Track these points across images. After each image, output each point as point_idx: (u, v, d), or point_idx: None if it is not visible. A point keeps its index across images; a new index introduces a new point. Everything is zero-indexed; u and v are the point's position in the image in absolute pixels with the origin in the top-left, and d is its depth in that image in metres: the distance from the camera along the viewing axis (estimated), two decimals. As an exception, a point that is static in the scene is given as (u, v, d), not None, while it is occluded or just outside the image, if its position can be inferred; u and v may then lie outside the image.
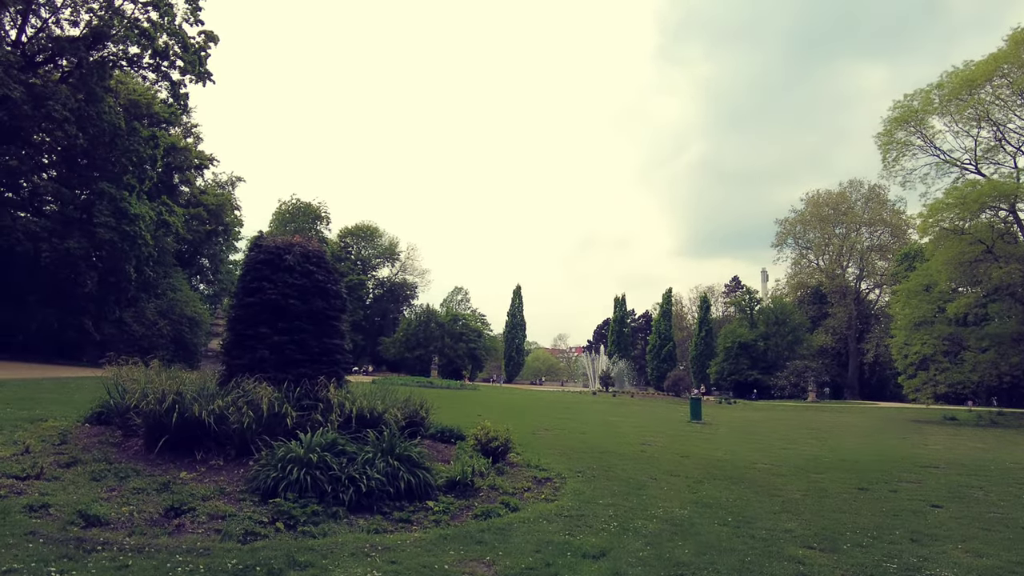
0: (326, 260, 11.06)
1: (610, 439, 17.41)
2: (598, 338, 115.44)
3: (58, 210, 36.10)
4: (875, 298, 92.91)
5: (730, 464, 13.63)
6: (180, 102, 42.73)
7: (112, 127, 34.37)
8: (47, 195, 36.56)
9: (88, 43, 36.61)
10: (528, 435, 16.72)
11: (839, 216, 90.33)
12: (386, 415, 9.26)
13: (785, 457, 15.92)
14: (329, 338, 10.57)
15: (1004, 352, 36.75)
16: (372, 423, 9.12)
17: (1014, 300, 38.48)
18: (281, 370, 9.75)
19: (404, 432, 9.33)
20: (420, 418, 10.58)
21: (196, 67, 40.13)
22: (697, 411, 29.17)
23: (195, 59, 39.84)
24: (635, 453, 14.32)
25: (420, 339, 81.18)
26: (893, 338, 45.88)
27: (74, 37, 36.61)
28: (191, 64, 39.74)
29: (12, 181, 37.80)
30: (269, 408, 8.34)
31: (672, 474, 11.62)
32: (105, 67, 36.92)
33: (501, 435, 10.23)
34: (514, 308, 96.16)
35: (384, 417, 9.22)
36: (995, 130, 42.71)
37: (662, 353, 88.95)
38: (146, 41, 36.70)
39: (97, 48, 37.19)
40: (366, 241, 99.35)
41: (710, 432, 23.18)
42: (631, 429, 22.11)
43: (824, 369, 77.36)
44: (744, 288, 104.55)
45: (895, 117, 45.83)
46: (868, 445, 21.16)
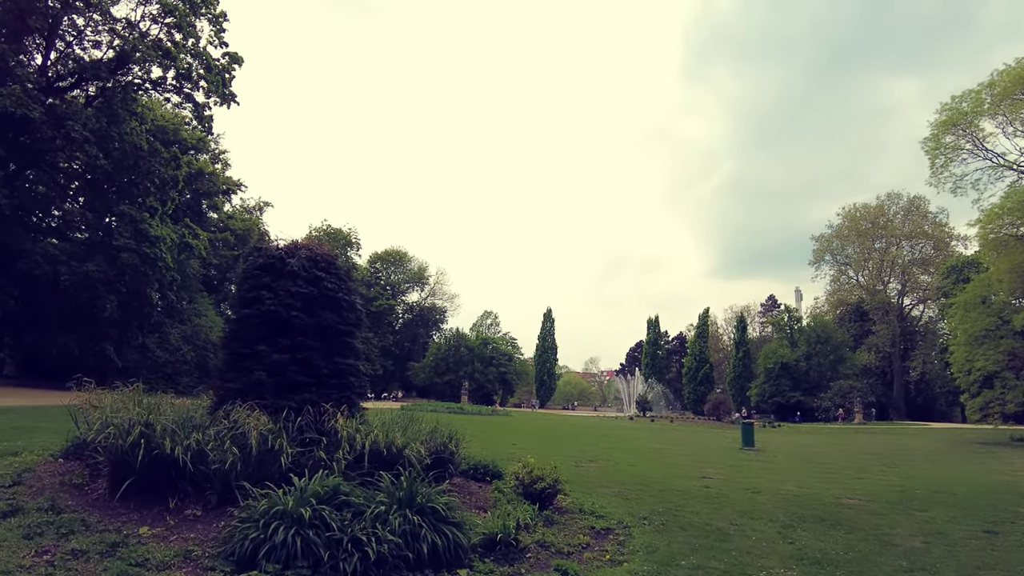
0: (337, 266, 9.43)
1: (664, 472, 15.40)
2: (631, 361, 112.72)
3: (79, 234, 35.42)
4: (919, 314, 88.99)
5: (811, 500, 11.60)
6: (204, 124, 42.14)
7: (134, 148, 33.63)
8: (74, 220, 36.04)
9: (112, 66, 36.17)
10: (572, 468, 14.83)
11: (878, 230, 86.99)
12: (407, 451, 7.49)
13: (868, 489, 13.82)
14: (341, 357, 8.91)
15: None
16: (389, 461, 7.39)
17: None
18: (281, 395, 8.11)
19: (429, 473, 7.58)
20: (449, 453, 8.75)
21: (220, 88, 39.54)
22: (749, 437, 26.90)
23: (219, 80, 39.26)
24: (698, 490, 12.33)
25: (450, 364, 79.50)
26: (950, 354, 43.02)
27: (98, 60, 36.20)
28: (215, 85, 39.15)
29: (43, 208, 37.43)
30: (259, 443, 6.67)
31: (751, 516, 9.66)
32: (128, 90, 36.41)
33: (548, 474, 8.38)
34: (545, 331, 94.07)
35: (404, 454, 7.45)
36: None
37: (699, 376, 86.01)
38: (169, 62, 36.12)
39: (121, 71, 36.73)
40: (395, 266, 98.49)
41: (768, 460, 21.01)
42: (683, 459, 20.02)
43: (869, 389, 73.74)
44: (781, 307, 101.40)
45: (943, 121, 43.35)
46: (949, 472, 18.94)
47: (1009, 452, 28.69)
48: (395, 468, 7.26)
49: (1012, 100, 39.57)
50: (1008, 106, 39.92)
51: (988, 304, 39.42)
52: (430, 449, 8.18)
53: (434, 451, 8.35)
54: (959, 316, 40.74)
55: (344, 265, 9.60)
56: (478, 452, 16.36)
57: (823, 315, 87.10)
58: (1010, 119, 40.82)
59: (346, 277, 9.54)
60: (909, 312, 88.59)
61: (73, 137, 30.40)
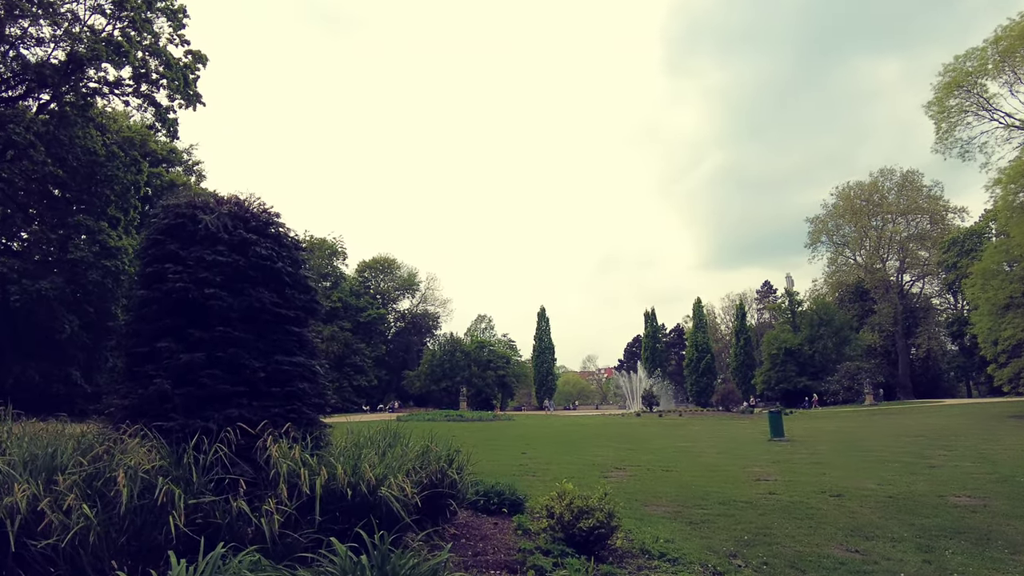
0: (278, 226, 6.76)
1: (709, 476, 12.79)
2: (629, 356, 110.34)
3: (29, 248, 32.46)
4: (919, 290, 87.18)
5: (912, 503, 9.06)
6: (169, 128, 39.28)
7: (88, 152, 30.76)
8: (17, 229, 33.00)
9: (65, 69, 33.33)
10: (597, 479, 12.21)
11: (873, 207, 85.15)
12: (383, 489, 4.80)
13: (960, 481, 11.39)
14: (285, 354, 6.25)
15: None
16: (358, 508, 4.76)
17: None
18: (194, 413, 5.47)
19: (422, 514, 4.98)
20: (449, 483, 5.95)
21: (183, 88, 36.74)
22: (779, 427, 24.41)
23: (180, 78, 36.45)
24: (766, 499, 9.73)
25: (446, 370, 76.66)
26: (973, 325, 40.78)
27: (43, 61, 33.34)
28: (177, 84, 36.36)
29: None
30: (131, 496, 4.02)
31: (866, 536, 7.09)
32: (81, 93, 33.55)
33: (596, 505, 5.70)
34: (540, 331, 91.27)
35: (379, 494, 4.77)
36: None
37: (700, 367, 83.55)
38: (122, 59, 33.28)
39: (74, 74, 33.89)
40: (384, 274, 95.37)
41: (809, 451, 18.50)
42: (719, 458, 17.43)
43: (876, 369, 71.61)
44: (776, 292, 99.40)
45: (946, 83, 41.24)
46: (1019, 452, 16.62)
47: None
48: (368, 516, 4.65)
49: (1021, 54, 37.46)
50: (1016, 60, 37.83)
51: (1011, 271, 37.27)
52: (420, 481, 5.54)
53: (427, 483, 5.70)
54: (979, 285, 38.43)
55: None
56: (485, 468, 13.67)
57: (823, 297, 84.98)
58: (1019, 75, 38.75)
59: (292, 244, 6.86)
60: (909, 289, 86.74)
61: (15, 141, 27.49)
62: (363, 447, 5.99)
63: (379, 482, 4.81)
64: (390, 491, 4.74)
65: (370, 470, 4.78)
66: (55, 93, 33.62)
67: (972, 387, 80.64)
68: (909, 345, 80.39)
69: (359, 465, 4.91)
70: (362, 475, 4.76)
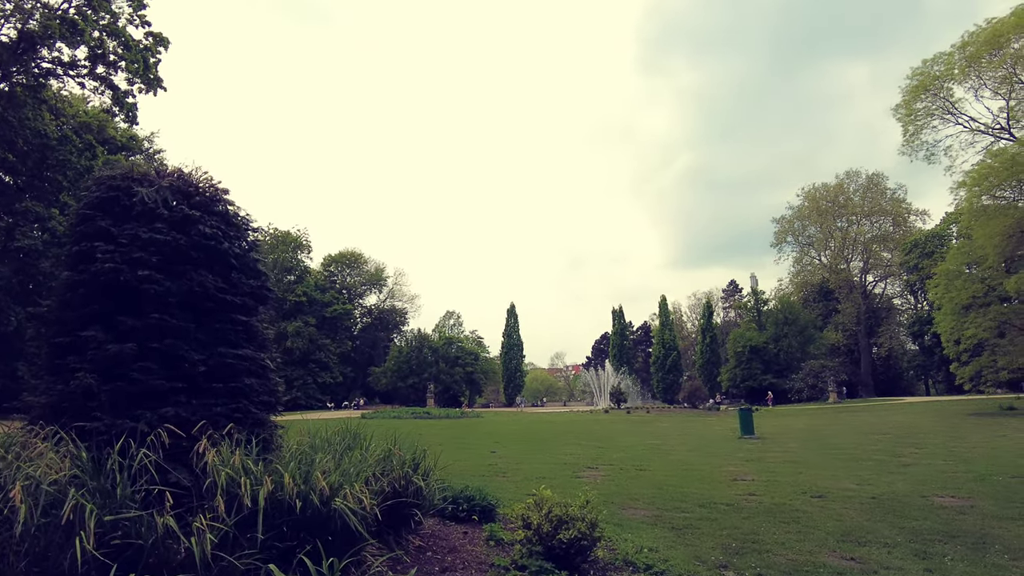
0: (226, 202, 6.07)
1: (684, 476, 12.38)
2: (597, 354, 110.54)
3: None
4: (881, 291, 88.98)
5: (898, 504, 8.74)
6: (127, 112, 37.73)
7: (38, 136, 29.29)
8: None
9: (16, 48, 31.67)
10: (570, 480, 11.72)
11: (838, 209, 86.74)
12: (337, 500, 4.18)
13: (940, 480, 11.21)
14: (230, 346, 5.57)
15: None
16: (310, 521, 4.15)
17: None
18: (123, 412, 4.79)
19: (384, 525, 4.40)
20: (413, 490, 5.32)
21: (142, 71, 35.26)
22: (749, 424, 24.25)
23: (139, 60, 34.97)
24: (747, 501, 9.33)
25: (413, 367, 75.63)
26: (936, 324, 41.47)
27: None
28: (135, 66, 34.87)
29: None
30: (29, 513, 3.37)
31: (858, 541, 6.69)
32: (30, 71, 31.94)
33: (577, 514, 5.13)
34: (509, 328, 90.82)
35: (334, 505, 4.15)
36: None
37: (667, 364, 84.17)
38: (77, 37, 31.77)
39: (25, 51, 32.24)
40: (351, 268, 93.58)
41: (782, 450, 18.31)
42: (691, 456, 17.09)
43: (840, 368, 72.76)
44: (742, 291, 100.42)
45: (914, 86, 41.77)
46: (988, 450, 16.63)
47: (1017, 421, 27.08)
48: (320, 531, 4.05)
49: (987, 58, 38.02)
50: (983, 65, 38.39)
51: (972, 272, 37.94)
52: (381, 489, 4.93)
53: (389, 491, 5.10)
54: (943, 286, 39.05)
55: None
56: (453, 468, 13.08)
57: (788, 296, 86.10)
58: (983, 80, 39.35)
59: (241, 224, 6.17)
60: (872, 290, 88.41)
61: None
62: (318, 450, 5.35)
63: (334, 492, 4.20)
64: (345, 503, 4.13)
65: (323, 478, 4.15)
66: (4, 72, 31.97)
67: (931, 385, 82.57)
68: (871, 344, 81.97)
69: (311, 473, 4.29)
70: (314, 484, 4.14)
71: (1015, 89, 38.55)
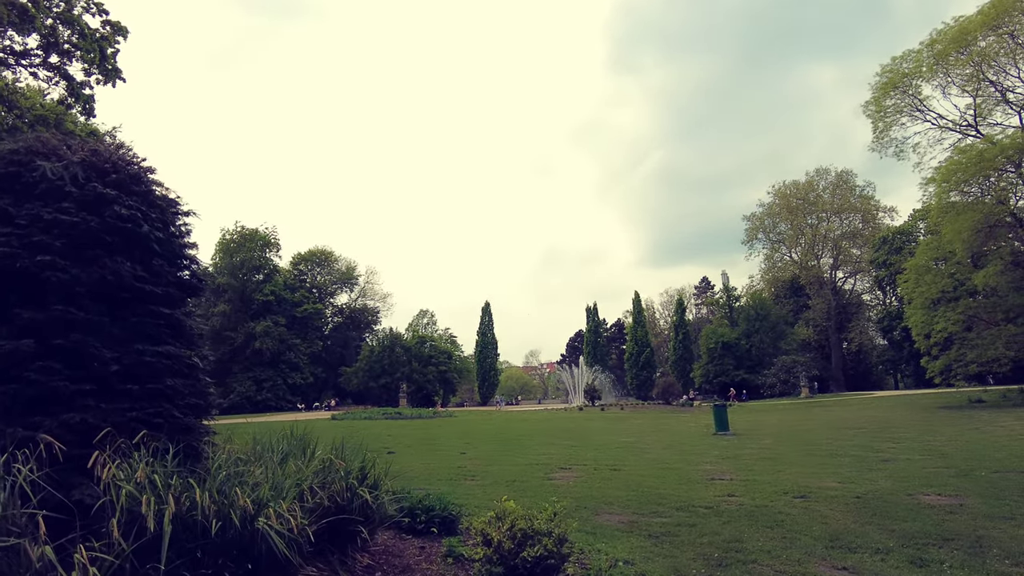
0: (149, 181, 5.38)
1: (661, 476, 11.91)
2: (571, 351, 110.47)
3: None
4: (851, 287, 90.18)
5: (884, 504, 8.33)
6: (84, 104, 36.28)
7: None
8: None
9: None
10: (542, 482, 11.19)
11: (808, 206, 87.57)
12: (261, 519, 3.53)
13: (922, 478, 10.83)
14: (150, 342, 4.90)
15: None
16: (230, 545, 3.52)
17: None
18: (16, 418, 4.12)
19: (325, 542, 3.79)
20: (360, 502, 4.65)
21: (99, 60, 33.93)
22: (723, 421, 23.96)
23: (96, 50, 33.64)
24: (726, 502, 8.87)
25: (385, 366, 74.54)
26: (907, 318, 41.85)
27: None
28: (92, 55, 33.53)
29: None
30: None
31: (849, 547, 6.21)
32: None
33: (543, 528, 4.50)
34: (484, 326, 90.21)
35: (257, 526, 3.50)
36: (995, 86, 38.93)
37: (640, 360, 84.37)
38: (28, 25, 30.41)
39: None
40: (321, 267, 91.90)
41: (758, 447, 18.01)
42: (667, 454, 16.68)
43: (811, 363, 73.49)
44: (714, 288, 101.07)
45: (884, 83, 42.05)
46: (965, 444, 16.45)
47: (987, 414, 27.19)
48: (243, 557, 3.44)
49: (955, 56, 38.34)
50: (951, 62, 38.72)
51: (942, 266, 38.32)
52: (319, 504, 4.31)
53: (330, 506, 4.46)
54: (913, 280, 39.40)
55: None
56: (419, 471, 12.51)
57: (760, 293, 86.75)
58: (951, 77, 39.69)
59: (166, 205, 5.49)
60: (842, 286, 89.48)
61: None
62: (256, 460, 4.73)
63: (258, 511, 3.60)
64: (268, 523, 3.52)
65: (243, 495, 3.55)
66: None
67: (899, 379, 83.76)
68: (841, 339, 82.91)
69: (229, 489, 3.67)
70: (234, 502, 3.54)
71: (982, 87, 38.93)
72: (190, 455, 4.65)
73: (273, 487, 3.94)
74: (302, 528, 3.67)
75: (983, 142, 34.90)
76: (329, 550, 4.47)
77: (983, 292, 36.65)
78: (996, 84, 38.57)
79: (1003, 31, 36.73)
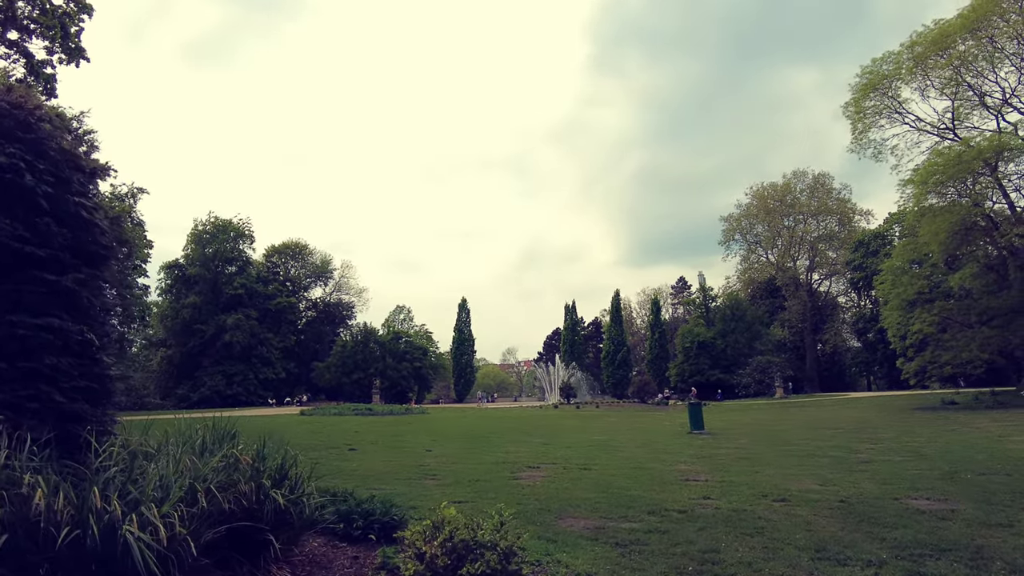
0: (35, 127, 4.59)
1: (632, 476, 11.32)
2: (548, 349, 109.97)
3: None
4: (826, 289, 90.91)
5: (869, 509, 7.81)
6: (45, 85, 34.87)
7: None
8: None
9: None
10: (509, 483, 10.53)
11: (785, 208, 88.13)
12: (127, 527, 2.82)
13: (908, 480, 10.46)
14: (30, 313, 4.14)
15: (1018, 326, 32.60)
16: (92, 559, 2.80)
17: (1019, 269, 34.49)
18: None
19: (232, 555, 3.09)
20: (273, 507, 3.90)
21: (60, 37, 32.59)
22: (698, 420, 23.53)
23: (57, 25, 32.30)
24: (700, 505, 8.29)
25: (358, 361, 73.35)
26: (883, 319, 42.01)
27: None
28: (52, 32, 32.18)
29: None
30: None
31: (836, 559, 5.61)
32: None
33: (487, 540, 3.73)
34: (460, 323, 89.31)
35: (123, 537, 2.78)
36: (974, 89, 39.03)
37: (616, 359, 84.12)
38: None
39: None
40: (295, 260, 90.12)
41: (734, 447, 17.52)
42: (640, 452, 16.12)
43: (786, 364, 73.79)
44: (691, 288, 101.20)
45: (864, 84, 41.95)
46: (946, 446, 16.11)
47: (962, 416, 27.15)
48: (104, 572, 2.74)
49: (934, 58, 38.34)
50: (930, 65, 38.72)
51: (919, 267, 38.41)
52: (218, 508, 3.60)
53: (235, 509, 3.76)
54: (889, 282, 39.44)
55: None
56: (378, 470, 11.79)
57: (736, 293, 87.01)
58: (931, 80, 39.67)
59: (63, 157, 4.71)
60: (817, 287, 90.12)
61: None
62: (157, 457, 3.99)
63: (129, 513, 2.88)
64: (131, 531, 2.80)
65: (98, 497, 2.82)
66: None
67: (872, 381, 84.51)
68: (816, 341, 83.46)
69: (87, 490, 2.95)
70: (93, 505, 2.82)
71: (960, 90, 39.02)
72: (76, 448, 3.92)
73: (160, 486, 3.23)
74: (181, 538, 2.97)
75: (960, 144, 34.91)
76: (237, 560, 3.78)
77: (958, 294, 36.76)
78: (974, 88, 38.69)
79: (982, 35, 36.78)
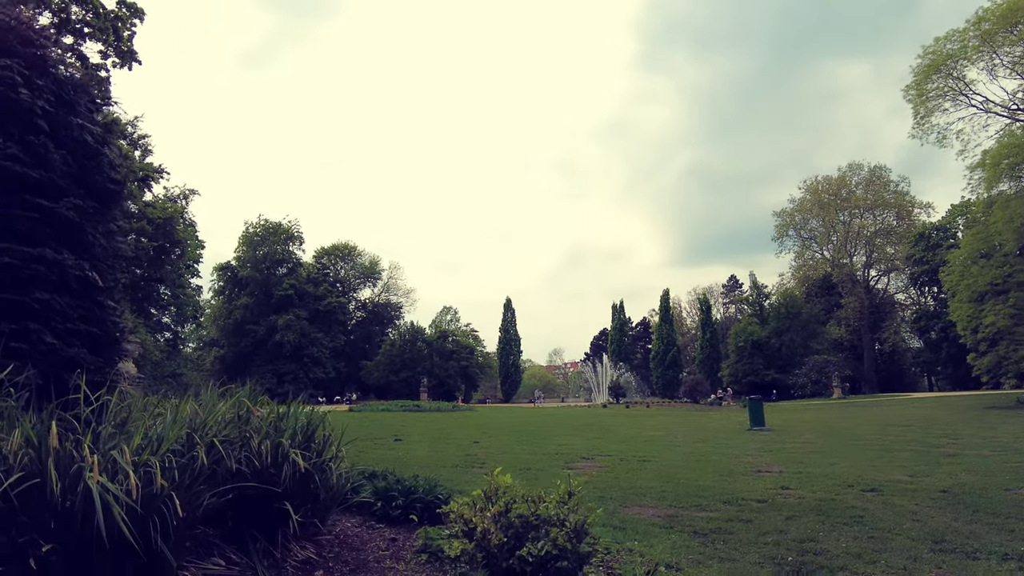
0: (38, 43, 4.04)
1: (697, 468, 10.43)
2: (595, 350, 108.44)
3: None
4: (884, 285, 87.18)
5: (976, 496, 6.85)
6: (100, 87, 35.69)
7: None
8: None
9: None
10: (560, 471, 9.79)
11: (840, 202, 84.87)
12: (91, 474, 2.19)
13: (1010, 471, 9.38)
14: (21, 240, 3.57)
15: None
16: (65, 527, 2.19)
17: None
18: None
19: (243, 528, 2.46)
20: (292, 472, 3.29)
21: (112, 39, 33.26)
22: (759, 416, 22.42)
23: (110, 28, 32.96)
24: (781, 496, 7.38)
25: (406, 360, 73.48)
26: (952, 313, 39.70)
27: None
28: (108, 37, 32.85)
29: None
30: None
31: (959, 549, 4.76)
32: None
33: (553, 514, 2.89)
34: (506, 323, 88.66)
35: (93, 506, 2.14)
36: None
37: (667, 359, 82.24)
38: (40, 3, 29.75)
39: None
40: (344, 261, 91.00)
41: (798, 441, 16.44)
42: (700, 447, 15.15)
43: (843, 363, 70.92)
44: (742, 287, 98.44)
45: (926, 65, 39.66)
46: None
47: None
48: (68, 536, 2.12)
49: (1002, 36, 36.09)
50: (997, 43, 36.44)
51: (990, 258, 36.16)
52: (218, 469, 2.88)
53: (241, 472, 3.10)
54: (958, 272, 37.21)
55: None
56: (423, 459, 11.15)
57: (791, 291, 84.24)
58: (999, 58, 37.38)
59: (71, 83, 4.15)
60: (875, 284, 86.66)
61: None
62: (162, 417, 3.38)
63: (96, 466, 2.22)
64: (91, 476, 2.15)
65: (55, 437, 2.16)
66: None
67: (935, 382, 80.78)
68: (874, 340, 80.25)
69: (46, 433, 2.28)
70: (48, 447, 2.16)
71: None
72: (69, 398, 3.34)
73: (151, 438, 2.61)
74: (164, 494, 2.32)
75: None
76: (249, 535, 3.15)
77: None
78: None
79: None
